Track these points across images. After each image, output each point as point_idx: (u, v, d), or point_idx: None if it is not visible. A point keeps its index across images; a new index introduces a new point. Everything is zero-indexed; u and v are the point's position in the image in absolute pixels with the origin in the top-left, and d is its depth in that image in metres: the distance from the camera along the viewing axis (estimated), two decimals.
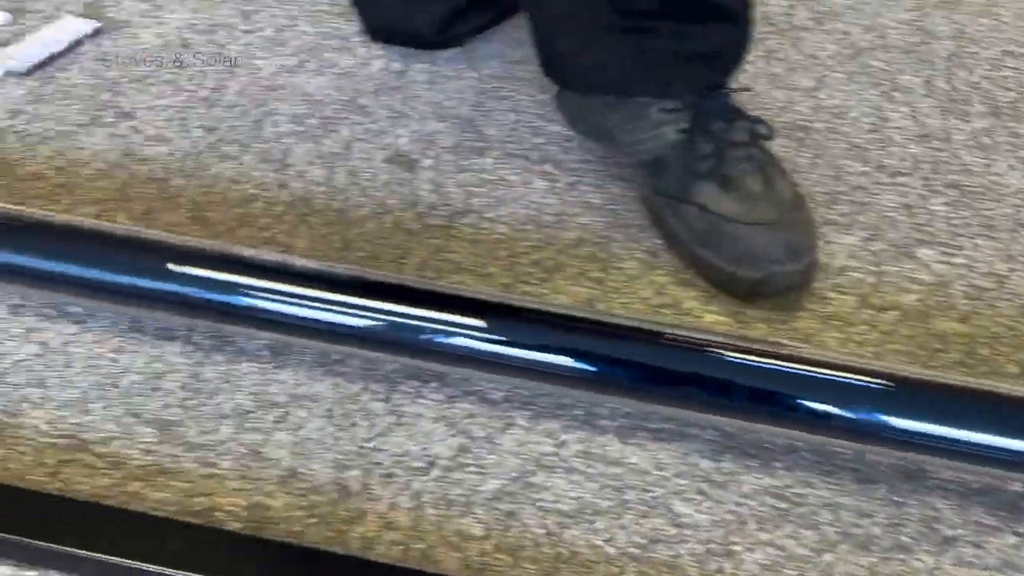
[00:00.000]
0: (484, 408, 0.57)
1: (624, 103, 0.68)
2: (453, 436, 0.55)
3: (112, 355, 0.59)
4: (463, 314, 0.58)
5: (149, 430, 0.55)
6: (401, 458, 0.54)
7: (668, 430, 0.56)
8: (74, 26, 0.83)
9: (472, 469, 0.54)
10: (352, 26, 0.87)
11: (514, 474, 0.54)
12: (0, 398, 0.56)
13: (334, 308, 0.58)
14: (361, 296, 0.59)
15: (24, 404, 0.56)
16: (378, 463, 0.54)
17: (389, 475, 0.53)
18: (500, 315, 0.57)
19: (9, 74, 0.79)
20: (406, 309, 0.58)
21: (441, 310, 0.57)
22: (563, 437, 0.55)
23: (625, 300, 0.63)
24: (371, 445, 0.55)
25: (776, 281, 0.62)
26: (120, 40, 0.83)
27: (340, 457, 0.54)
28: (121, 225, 0.65)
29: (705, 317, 0.62)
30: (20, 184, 0.70)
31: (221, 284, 0.59)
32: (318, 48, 0.85)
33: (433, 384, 0.58)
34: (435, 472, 0.54)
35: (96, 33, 0.83)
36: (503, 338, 0.56)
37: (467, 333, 0.57)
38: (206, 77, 0.81)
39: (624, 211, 0.70)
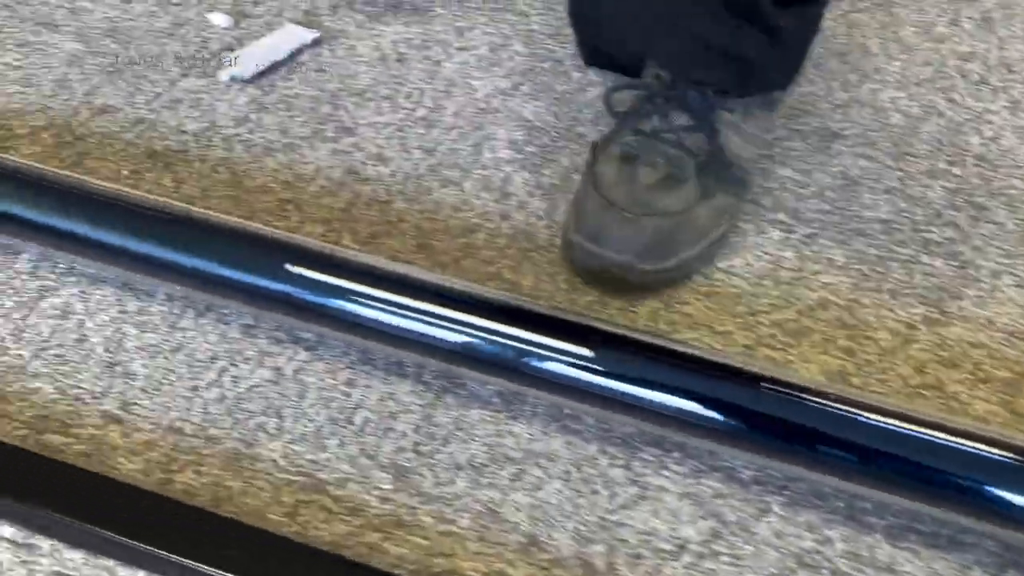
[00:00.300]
0: (734, 488, 0.51)
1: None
2: (703, 518, 0.50)
3: (344, 388, 0.56)
4: (713, 382, 0.52)
5: (384, 475, 0.52)
6: (648, 537, 0.49)
7: (943, 536, 0.49)
8: (296, 34, 0.81)
9: (727, 559, 0.48)
10: (565, 49, 0.82)
11: (773, 570, 0.47)
12: (237, 425, 0.53)
13: (567, 360, 0.53)
14: (596, 349, 0.54)
15: (260, 434, 0.53)
16: (623, 540, 0.49)
17: (636, 555, 0.48)
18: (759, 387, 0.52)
19: (233, 79, 0.77)
20: (646, 370, 0.53)
21: (695, 375, 0.52)
22: (826, 532, 0.49)
23: (881, 377, 0.56)
24: (614, 518, 0.50)
25: (574, 252, 0.60)
26: (338, 51, 0.81)
27: (582, 528, 0.50)
28: (348, 249, 0.63)
29: (974, 405, 0.55)
30: (248, 196, 0.68)
31: (453, 324, 0.55)
32: (533, 71, 0.80)
33: (676, 454, 0.53)
34: (686, 558, 0.48)
35: (315, 43, 0.81)
36: (766, 414, 0.51)
37: (717, 402, 0.52)
38: (423, 95, 0.77)
39: (872, 272, 0.63)
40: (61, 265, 0.60)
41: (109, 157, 0.69)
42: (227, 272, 0.57)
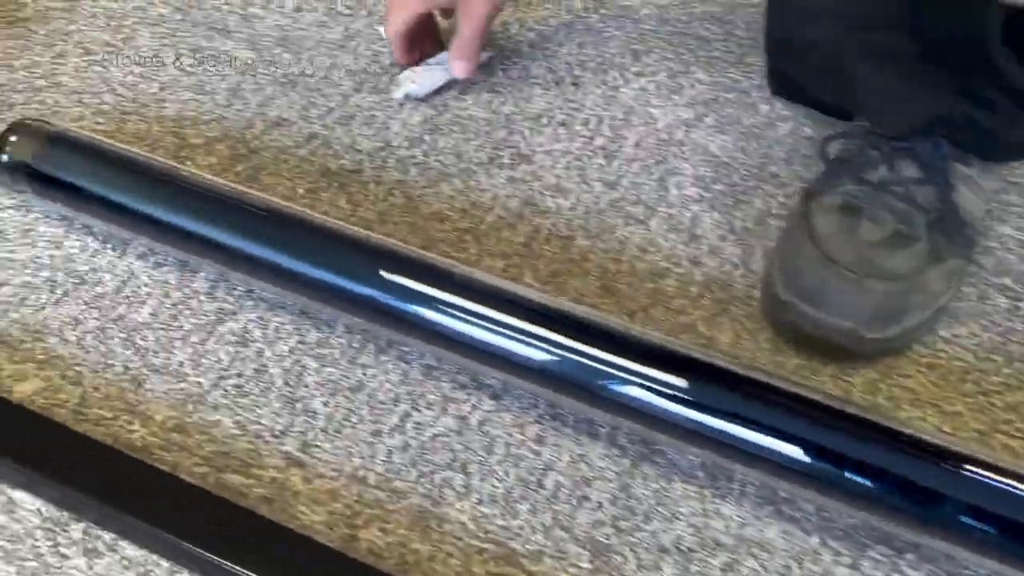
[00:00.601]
0: None
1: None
2: None
3: (533, 445, 0.50)
4: (951, 475, 0.46)
5: (582, 551, 0.46)
6: None
7: None
8: None
9: None
10: (751, 79, 0.76)
11: None
12: (422, 479, 0.48)
13: (781, 435, 0.47)
14: (812, 425, 0.47)
15: (447, 491, 0.48)
16: None
17: None
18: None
19: (408, 98, 0.73)
20: (872, 454, 0.46)
21: (930, 465, 0.45)
22: None
23: None
24: None
25: (784, 311, 0.53)
26: (511, 71, 0.76)
27: None
28: (532, 289, 0.57)
29: None
30: (425, 224, 0.63)
31: (649, 383, 0.49)
32: (717, 101, 0.74)
33: (909, 556, 0.45)
34: None
35: (488, 61, 0.77)
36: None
37: (954, 500, 0.45)
38: (601, 123, 0.72)
39: None
40: (239, 288, 0.57)
41: (284, 173, 0.65)
42: (408, 308, 0.52)
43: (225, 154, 0.66)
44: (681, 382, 0.48)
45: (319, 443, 0.50)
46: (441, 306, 0.51)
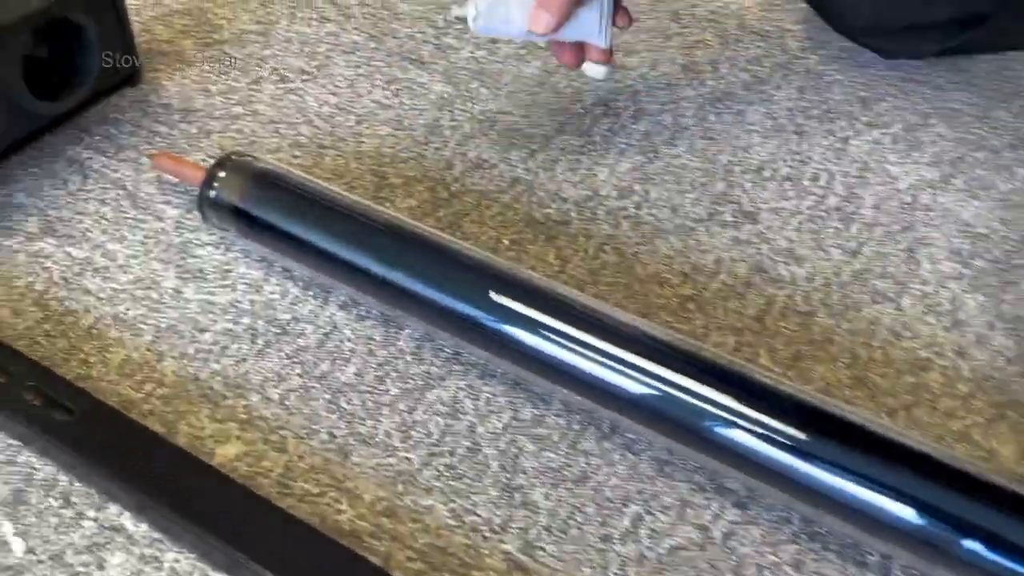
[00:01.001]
0: None
1: None
2: None
3: (791, 571, 0.40)
4: None
5: None
6: None
7: None
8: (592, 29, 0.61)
9: None
10: (999, 137, 0.64)
11: None
12: None
13: None
14: None
15: None
16: None
17: None
18: None
19: (459, 21, 0.62)
20: None
21: None
22: None
23: None
24: None
25: None
26: (725, 116, 0.67)
27: None
28: (770, 373, 0.50)
29: None
30: (642, 287, 0.55)
31: (935, 506, 0.41)
32: (964, 161, 0.63)
33: None
34: None
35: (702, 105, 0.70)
36: None
37: None
38: (832, 179, 0.62)
39: None
40: (446, 348, 0.51)
41: (487, 221, 0.58)
42: (639, 390, 0.44)
43: (425, 196, 0.61)
44: (972, 509, 0.40)
45: (543, 544, 0.42)
46: (677, 391, 0.44)
